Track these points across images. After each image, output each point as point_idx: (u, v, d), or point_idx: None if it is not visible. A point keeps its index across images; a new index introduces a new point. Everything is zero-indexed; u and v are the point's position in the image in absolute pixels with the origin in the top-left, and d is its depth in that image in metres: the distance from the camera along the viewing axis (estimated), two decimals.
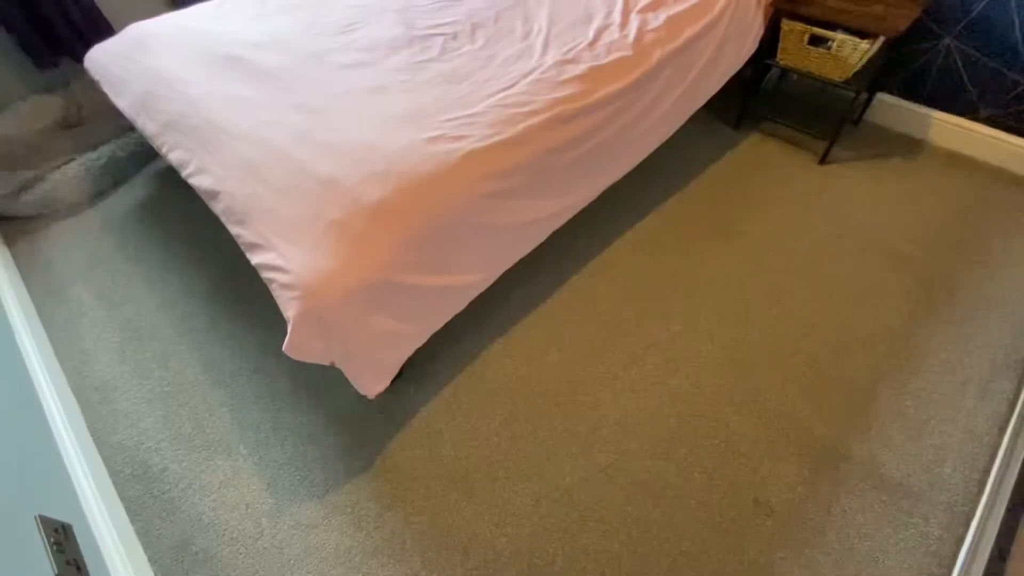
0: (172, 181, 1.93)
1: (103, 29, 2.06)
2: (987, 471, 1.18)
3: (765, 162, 1.95)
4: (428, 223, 1.09)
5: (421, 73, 1.43)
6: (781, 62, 1.83)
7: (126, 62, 1.59)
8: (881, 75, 1.96)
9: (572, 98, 1.32)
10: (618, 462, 1.22)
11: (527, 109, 1.27)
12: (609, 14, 1.59)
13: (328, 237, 1.03)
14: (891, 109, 2.03)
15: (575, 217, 1.48)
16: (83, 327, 1.58)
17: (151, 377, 1.44)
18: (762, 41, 1.82)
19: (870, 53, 1.61)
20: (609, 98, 1.36)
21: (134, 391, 1.42)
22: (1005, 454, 1.19)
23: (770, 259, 1.62)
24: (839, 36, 1.62)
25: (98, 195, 2.03)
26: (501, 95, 1.32)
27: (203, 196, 1.24)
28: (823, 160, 1.92)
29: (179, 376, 1.44)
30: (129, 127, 2.06)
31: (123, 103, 1.53)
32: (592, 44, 1.48)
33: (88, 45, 2.03)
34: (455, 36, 1.58)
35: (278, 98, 1.34)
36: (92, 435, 1.35)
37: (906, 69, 1.93)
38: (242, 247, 1.14)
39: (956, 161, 1.92)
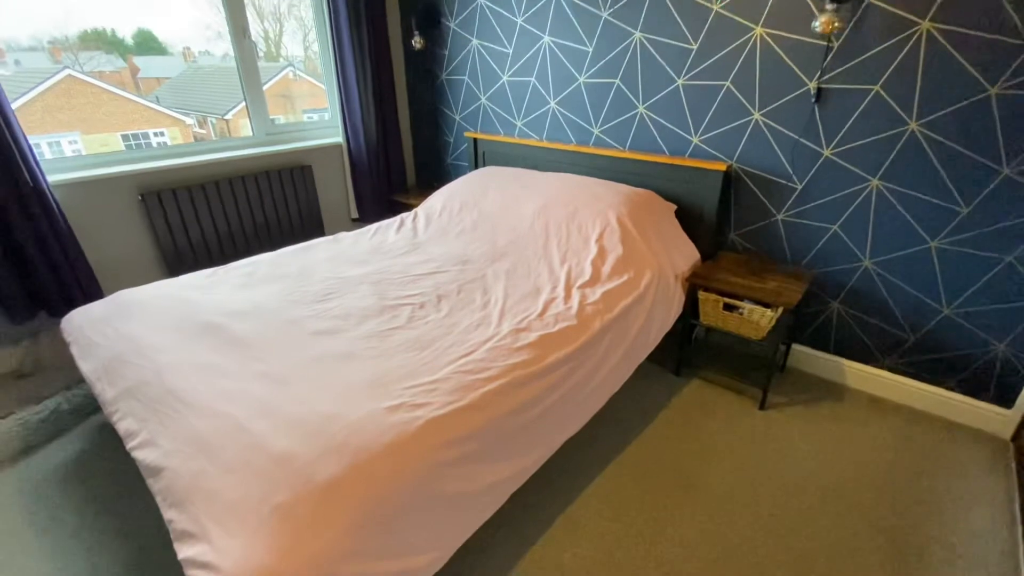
0: (111, 435, 1.84)
1: (91, 291, 2.21)
2: None
3: (710, 408, 2.07)
4: (382, 501, 1.05)
5: (388, 340, 1.56)
6: (704, 322, 2.11)
7: (103, 326, 1.67)
8: (792, 330, 2.28)
9: (526, 363, 1.45)
10: None
11: (485, 375, 1.38)
12: (555, 288, 1.87)
13: (269, 525, 0.96)
14: (808, 358, 2.30)
15: (536, 473, 1.46)
16: None
17: None
18: (685, 305, 2.14)
19: (776, 317, 1.90)
20: (559, 362, 1.50)
21: None
22: None
23: (734, 515, 1.59)
24: (748, 306, 1.94)
25: (26, 451, 1.88)
26: (461, 361, 1.44)
27: (144, 472, 1.18)
28: (762, 406, 2.07)
29: None
30: (82, 379, 2.04)
31: (87, 367, 1.55)
32: (541, 315, 1.69)
33: (71, 303, 2.17)
34: (422, 306, 1.78)
35: (246, 366, 1.41)
36: None
37: (810, 326, 2.26)
38: (172, 535, 1.04)
39: (878, 404, 2.11)
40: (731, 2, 2.00)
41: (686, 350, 2.28)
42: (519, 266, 2.09)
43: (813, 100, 1.93)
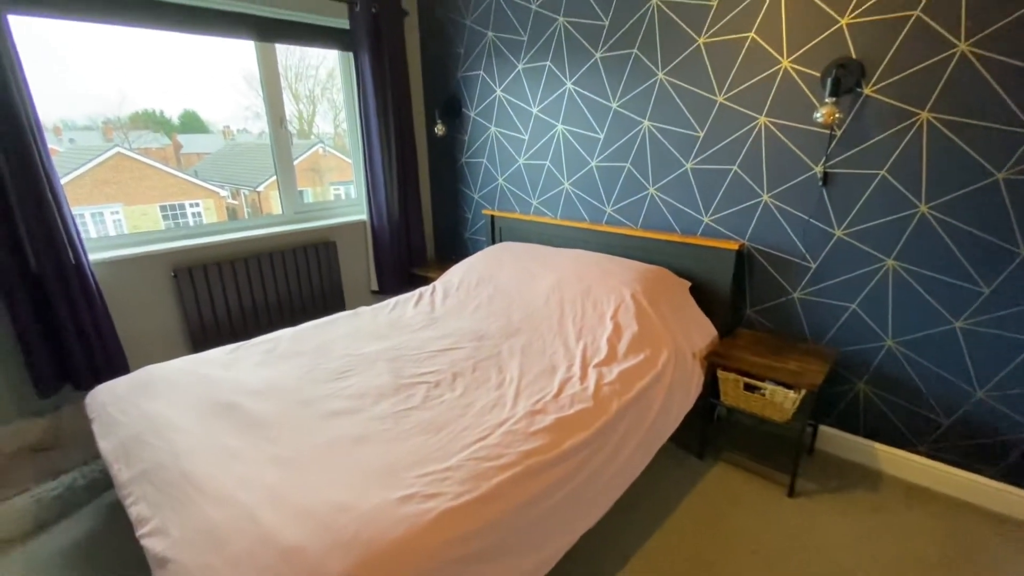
0: (122, 514, 1.82)
1: (118, 367, 2.27)
2: None
3: (736, 495, 1.97)
4: None
5: (403, 422, 1.56)
6: (725, 402, 2.06)
7: (125, 404, 1.70)
8: (818, 410, 2.20)
9: (541, 450, 1.42)
10: None
11: (500, 463, 1.35)
12: (570, 367, 1.86)
13: None
14: (837, 440, 2.20)
15: (552, 570, 1.39)
16: None
17: None
18: (705, 383, 2.10)
19: (800, 399, 1.85)
20: (576, 448, 1.47)
21: None
22: None
23: None
24: (770, 387, 1.89)
25: (37, 529, 1.86)
26: (476, 446, 1.41)
27: (151, 562, 1.16)
28: (791, 493, 1.96)
29: None
30: (99, 454, 2.05)
31: (107, 446, 1.56)
32: (557, 395, 1.68)
33: (97, 376, 2.22)
34: (437, 384, 1.79)
35: (260, 449, 1.41)
36: None
37: (837, 406, 2.18)
38: None
39: (916, 493, 1.98)
40: (734, 95, 2.12)
41: (708, 430, 2.21)
42: (534, 342, 2.09)
43: (820, 183, 1.98)
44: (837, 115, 1.81)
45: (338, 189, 4.70)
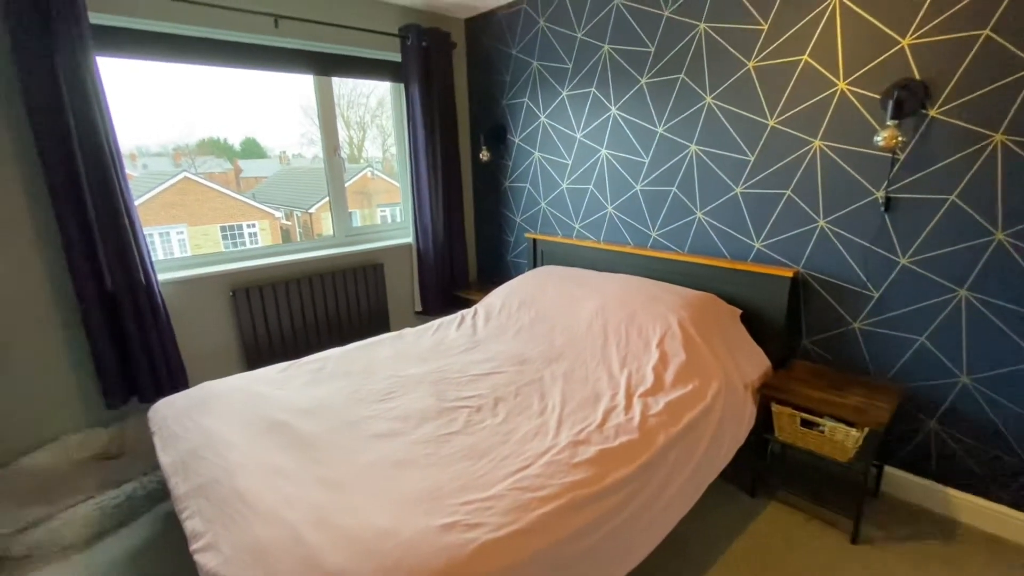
0: (177, 525, 1.89)
1: (179, 381, 2.40)
2: None
3: (792, 539, 1.85)
4: None
5: (445, 446, 1.56)
6: (779, 438, 1.95)
7: (184, 419, 1.78)
8: (883, 450, 2.05)
9: (585, 482, 1.38)
10: None
11: (542, 494, 1.32)
12: (615, 396, 1.82)
13: None
14: (906, 483, 2.04)
15: None
16: None
17: None
18: (758, 417, 2.00)
19: (863, 438, 1.73)
20: (621, 482, 1.42)
21: None
22: None
23: None
24: (829, 423, 1.78)
25: (97, 536, 1.96)
26: (518, 475, 1.39)
27: None
28: (855, 539, 1.82)
29: None
30: (158, 465, 2.15)
31: (166, 459, 1.64)
32: (601, 425, 1.63)
33: (160, 390, 2.35)
34: (479, 409, 1.78)
35: (307, 469, 1.44)
36: None
37: (905, 447, 2.03)
38: None
39: (998, 545, 1.80)
40: (787, 118, 2.06)
41: (761, 467, 2.10)
42: (577, 368, 2.06)
43: (882, 209, 1.88)
44: (900, 138, 1.73)
45: (384, 211, 4.87)
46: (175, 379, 2.40)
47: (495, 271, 3.69)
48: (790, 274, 2.11)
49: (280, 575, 1.09)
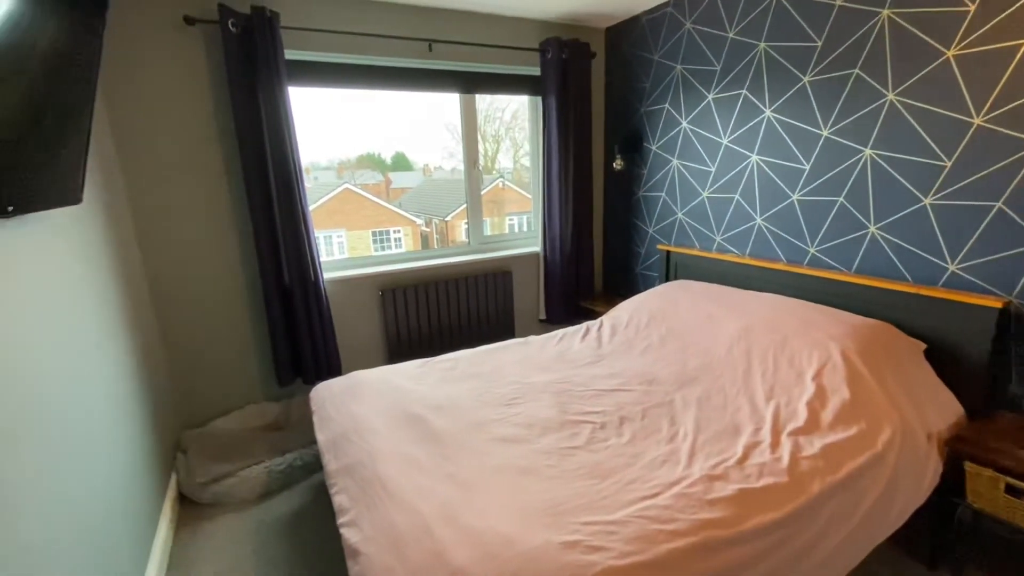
0: (326, 496, 2.13)
1: (334, 368, 2.72)
2: None
3: None
4: None
5: (567, 460, 1.53)
6: (972, 504, 1.59)
7: (338, 403, 2.00)
8: None
9: (721, 523, 1.25)
10: None
11: (670, 528, 1.23)
12: (758, 431, 1.63)
13: None
14: None
15: None
16: None
17: None
18: (944, 475, 1.65)
19: None
20: (764, 529, 1.26)
21: None
22: None
23: None
24: None
25: (264, 496, 2.29)
26: (644, 503, 1.32)
27: (346, 550, 1.31)
28: None
29: None
30: (314, 440, 2.44)
31: (322, 437, 1.85)
32: (741, 462, 1.48)
33: (319, 374, 2.67)
34: (603, 426, 1.73)
35: (439, 465, 1.51)
36: None
37: None
38: None
39: None
40: (1001, 114, 1.68)
41: (945, 535, 1.72)
42: (713, 395, 1.90)
43: None
44: None
45: (512, 220, 5.04)
46: (332, 366, 2.72)
47: (622, 283, 3.58)
48: (999, 304, 1.71)
49: (410, 562, 1.16)
